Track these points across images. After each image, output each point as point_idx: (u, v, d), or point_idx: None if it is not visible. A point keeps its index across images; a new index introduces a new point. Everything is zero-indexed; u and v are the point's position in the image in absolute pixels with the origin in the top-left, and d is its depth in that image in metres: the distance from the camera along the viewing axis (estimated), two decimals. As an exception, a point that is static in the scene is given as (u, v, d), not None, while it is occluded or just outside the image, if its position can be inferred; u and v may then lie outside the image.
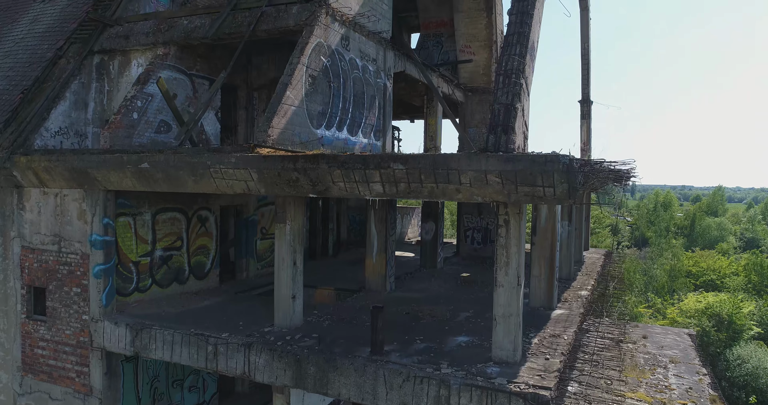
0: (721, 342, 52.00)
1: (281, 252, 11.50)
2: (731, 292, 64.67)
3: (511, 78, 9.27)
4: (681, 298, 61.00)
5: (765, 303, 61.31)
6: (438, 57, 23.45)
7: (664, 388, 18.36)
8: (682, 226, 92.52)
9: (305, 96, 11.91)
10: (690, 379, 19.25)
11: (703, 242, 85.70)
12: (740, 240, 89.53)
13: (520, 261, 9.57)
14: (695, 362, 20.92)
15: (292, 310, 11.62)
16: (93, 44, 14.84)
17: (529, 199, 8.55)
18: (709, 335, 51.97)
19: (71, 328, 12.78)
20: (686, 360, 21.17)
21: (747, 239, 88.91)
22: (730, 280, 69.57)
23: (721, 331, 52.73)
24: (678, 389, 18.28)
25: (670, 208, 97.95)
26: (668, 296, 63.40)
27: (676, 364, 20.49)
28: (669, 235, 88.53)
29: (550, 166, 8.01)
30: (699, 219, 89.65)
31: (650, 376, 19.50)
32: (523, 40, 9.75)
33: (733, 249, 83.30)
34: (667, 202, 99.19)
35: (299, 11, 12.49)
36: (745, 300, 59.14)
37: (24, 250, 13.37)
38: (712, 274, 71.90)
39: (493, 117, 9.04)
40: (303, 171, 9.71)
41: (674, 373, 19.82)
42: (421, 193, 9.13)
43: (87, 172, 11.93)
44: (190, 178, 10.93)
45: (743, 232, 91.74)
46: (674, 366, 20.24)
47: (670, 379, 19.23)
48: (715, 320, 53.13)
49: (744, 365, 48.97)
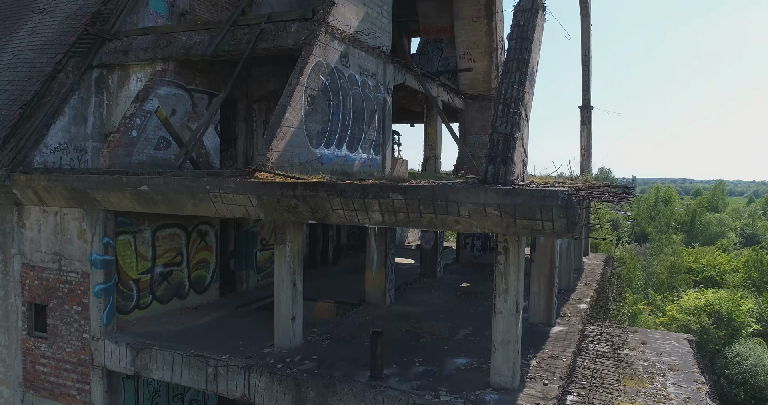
0: (720, 339, 52.17)
1: (281, 273, 11.54)
2: (731, 288, 64.86)
3: (510, 107, 9.25)
4: (681, 294, 61.16)
5: (765, 300, 61.50)
6: (438, 63, 23.37)
7: (662, 398, 18.43)
8: (683, 221, 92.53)
9: (304, 116, 11.89)
10: (688, 387, 19.32)
11: (703, 238, 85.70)
12: (740, 236, 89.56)
13: (519, 288, 9.60)
14: (693, 370, 20.99)
15: (292, 332, 11.67)
16: (92, 58, 14.81)
17: (528, 231, 8.56)
18: (708, 333, 52.18)
19: (72, 346, 12.84)
20: (685, 367, 21.24)
21: (747, 235, 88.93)
22: (730, 276, 69.71)
23: (720, 329, 52.90)
24: (676, 399, 18.36)
25: (670, 203, 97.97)
26: (668, 293, 63.54)
27: (674, 371, 20.56)
28: (669, 231, 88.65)
29: (549, 201, 8.01)
30: (699, 214, 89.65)
31: (648, 385, 19.56)
32: (523, 67, 9.71)
33: (734, 245, 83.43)
34: (668, 197, 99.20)
35: (298, 30, 12.44)
36: (745, 297, 59.29)
37: (24, 267, 13.41)
38: (712, 271, 72.04)
39: (492, 147, 9.02)
40: (302, 198, 9.71)
41: (672, 381, 19.89)
42: (420, 223, 9.15)
43: (86, 193, 11.94)
44: (189, 201, 10.93)
45: (743, 228, 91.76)
46: (673, 374, 20.31)
47: (669, 388, 19.30)
48: (715, 318, 53.31)
49: (743, 362, 49.21)
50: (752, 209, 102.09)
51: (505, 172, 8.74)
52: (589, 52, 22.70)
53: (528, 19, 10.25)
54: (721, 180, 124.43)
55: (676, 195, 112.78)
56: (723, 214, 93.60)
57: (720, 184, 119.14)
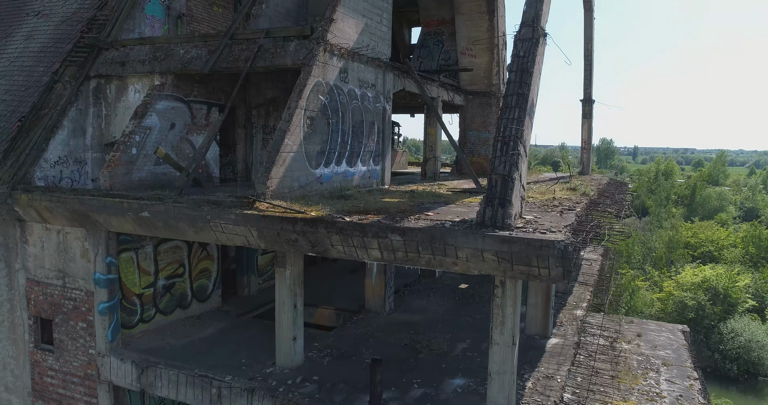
0: (716, 315, 52.97)
1: (282, 295, 11.73)
2: (728, 264, 65.39)
3: (509, 145, 9.25)
4: (678, 270, 61.65)
5: (761, 276, 62.09)
6: (438, 56, 23.11)
7: (655, 395, 18.91)
8: (683, 195, 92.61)
9: (303, 139, 11.88)
10: (681, 384, 19.79)
11: (703, 212, 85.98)
12: (740, 209, 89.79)
13: (515, 321, 9.78)
14: (687, 364, 21.45)
15: (293, 352, 11.94)
16: (89, 69, 14.66)
17: (524, 276, 8.69)
18: (705, 309, 52.93)
19: (78, 361, 13.14)
20: (678, 362, 21.69)
21: (747, 209, 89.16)
22: (728, 251, 70.19)
23: (716, 305, 53.64)
24: (669, 396, 18.83)
25: (671, 176, 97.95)
26: (665, 270, 64.05)
27: (668, 367, 21.01)
28: (669, 205, 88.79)
29: (545, 251, 8.12)
30: (700, 188, 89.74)
31: (642, 381, 20.02)
32: (523, 102, 9.66)
33: (733, 219, 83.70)
34: (669, 170, 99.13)
35: (297, 49, 12.31)
36: (742, 272, 59.84)
37: (29, 282, 13.60)
38: (711, 246, 72.49)
39: (490, 188, 9.06)
40: (302, 233, 9.81)
41: (666, 377, 20.35)
42: (419, 262, 9.27)
43: (88, 215, 12.04)
44: (190, 228, 11.04)
45: (743, 202, 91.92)
46: (666, 369, 20.77)
47: (662, 384, 19.76)
48: (711, 294, 53.98)
49: (737, 338, 50.16)
50: (753, 183, 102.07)
51: (503, 216, 8.81)
52: (591, 46, 22.39)
53: (529, 50, 10.15)
54: (723, 152, 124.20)
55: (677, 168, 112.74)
56: (723, 188, 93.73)
57: (721, 155, 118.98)
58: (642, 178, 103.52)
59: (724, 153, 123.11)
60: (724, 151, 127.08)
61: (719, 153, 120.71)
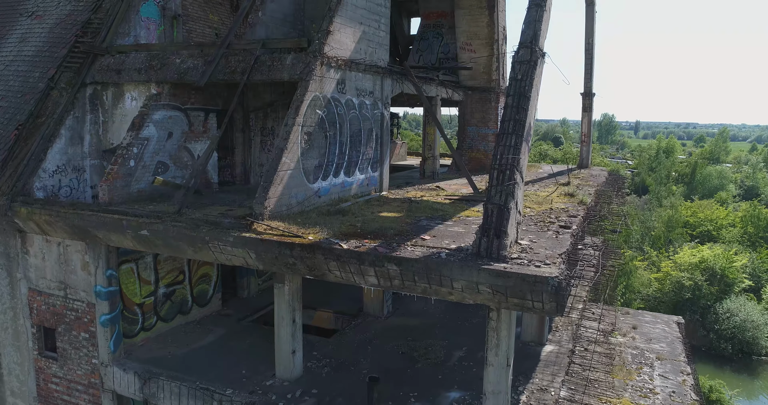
0: (713, 295, 53.47)
1: (280, 310, 11.90)
2: (727, 243, 65.68)
3: (506, 174, 9.27)
4: (676, 250, 61.94)
5: (759, 256, 62.43)
6: (438, 49, 22.90)
7: (649, 392, 19.30)
8: (683, 173, 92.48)
9: (301, 155, 11.88)
10: (675, 379, 20.16)
11: (703, 190, 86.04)
12: (740, 188, 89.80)
13: (510, 343, 9.95)
14: (681, 359, 21.79)
15: (293, 364, 12.16)
16: (85, 76, 14.57)
17: (518, 308, 8.82)
18: (701, 289, 53.40)
19: (82, 369, 13.39)
20: (672, 356, 22.04)
21: (747, 187, 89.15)
22: (727, 231, 70.37)
23: (713, 285, 54.08)
24: (662, 393, 19.21)
25: (672, 154, 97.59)
26: (664, 250, 64.35)
27: (662, 361, 21.37)
28: (669, 183, 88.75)
29: (539, 287, 8.22)
30: (700, 167, 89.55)
31: (636, 377, 20.38)
32: (520, 129, 9.64)
33: (732, 198, 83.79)
34: (670, 147, 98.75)
35: (293, 63, 12.21)
36: (740, 252, 60.14)
37: (31, 292, 13.77)
38: (709, 225, 72.66)
39: (485, 218, 9.12)
40: (300, 258, 9.91)
41: (660, 372, 20.71)
42: (415, 290, 9.39)
43: (88, 230, 12.12)
44: (189, 248, 11.13)
45: (744, 180, 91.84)
46: (660, 364, 21.12)
47: (656, 380, 20.13)
48: (708, 274, 54.38)
49: (732, 318, 50.74)
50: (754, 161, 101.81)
51: (498, 247, 8.89)
52: (592, 40, 22.13)
53: (527, 72, 10.08)
54: (725, 128, 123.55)
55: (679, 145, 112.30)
56: (724, 167, 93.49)
57: (723, 132, 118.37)
58: (643, 155, 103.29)
59: (726, 129, 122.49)
60: (726, 127, 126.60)
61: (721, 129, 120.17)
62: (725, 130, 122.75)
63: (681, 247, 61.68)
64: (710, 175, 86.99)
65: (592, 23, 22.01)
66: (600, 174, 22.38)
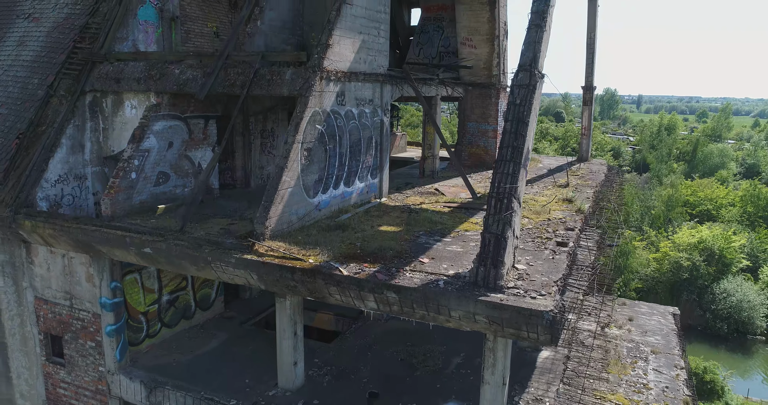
0: (710, 275, 53.98)
1: (282, 324, 12.14)
2: (726, 223, 65.93)
3: (503, 202, 9.38)
4: (675, 230, 62.19)
5: (757, 236, 62.73)
6: (438, 43, 22.75)
7: (642, 387, 19.73)
8: (685, 151, 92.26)
9: (301, 172, 11.97)
10: (668, 374, 20.59)
11: (704, 168, 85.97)
12: (741, 166, 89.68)
13: (506, 363, 10.21)
14: (675, 352, 22.22)
15: (294, 375, 12.46)
16: (84, 83, 14.55)
17: (514, 337, 9.05)
18: (699, 269, 53.88)
19: (89, 376, 13.73)
20: (667, 349, 22.45)
21: (748, 165, 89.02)
22: (726, 210, 70.55)
23: (710, 265, 54.55)
24: (655, 388, 19.65)
25: (674, 131, 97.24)
26: (663, 230, 64.61)
27: (656, 355, 21.78)
28: (670, 161, 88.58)
29: (534, 320, 8.42)
30: (702, 144, 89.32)
31: (631, 371, 20.82)
32: (518, 156, 9.71)
33: (733, 176, 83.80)
34: (672, 124, 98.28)
35: (293, 78, 12.20)
36: (738, 232, 60.43)
37: (37, 300, 14.02)
38: (709, 205, 72.85)
39: (483, 246, 9.27)
40: (301, 282, 10.11)
41: (654, 366, 21.14)
42: (414, 316, 9.61)
43: (91, 245, 12.30)
44: (192, 266, 11.33)
45: (745, 158, 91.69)
46: (655, 358, 21.53)
47: (649, 374, 20.56)
48: (706, 254, 54.78)
49: (729, 298, 51.37)
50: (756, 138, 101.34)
51: (495, 277, 9.06)
52: (594, 35, 21.91)
53: (525, 97, 10.11)
54: (728, 104, 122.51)
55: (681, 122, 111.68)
56: (725, 145, 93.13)
57: (725, 109, 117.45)
58: (644, 132, 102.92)
59: (728, 105, 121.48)
60: (729, 102, 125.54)
61: (724, 105, 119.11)
62: (728, 105, 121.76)
63: (680, 227, 61.99)
64: (711, 153, 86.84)
65: (594, 18, 21.77)
66: (599, 170, 22.43)
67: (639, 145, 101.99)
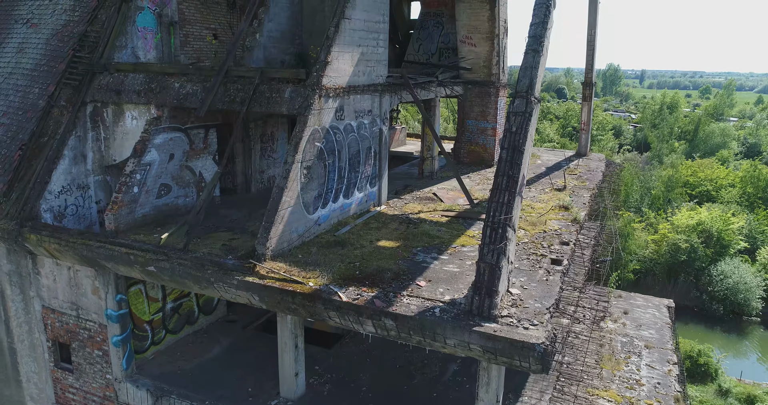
0: (708, 257, 54.48)
1: (283, 337, 12.49)
2: (725, 204, 66.15)
3: (498, 232, 9.61)
4: (675, 211, 62.45)
5: (756, 217, 63.01)
6: (438, 39, 22.70)
7: (635, 383, 20.25)
8: (686, 130, 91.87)
9: (301, 190, 12.16)
10: (661, 369, 21.09)
11: (705, 148, 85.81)
12: (743, 145, 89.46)
13: (500, 382, 10.57)
14: (668, 347, 22.70)
15: (296, 385, 12.86)
16: (84, 94, 14.64)
17: (507, 365, 9.37)
18: (697, 251, 54.37)
19: (97, 383, 14.17)
20: (660, 344, 22.94)
21: (750, 144, 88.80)
22: (726, 191, 70.67)
23: (709, 247, 54.98)
24: (647, 384, 20.15)
25: (676, 109, 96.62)
26: (662, 211, 64.84)
27: (650, 349, 22.27)
28: (671, 140, 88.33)
29: (527, 352, 8.74)
30: (704, 124, 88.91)
31: (624, 366, 21.34)
32: (513, 185, 9.90)
33: (734, 156, 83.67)
34: (674, 103, 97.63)
35: (292, 96, 12.29)
36: (737, 213, 60.69)
37: (45, 309, 14.37)
38: (709, 185, 72.92)
39: (478, 275, 9.53)
40: (301, 305, 10.41)
41: (647, 362, 21.64)
42: (411, 341, 9.93)
43: (97, 260, 12.58)
44: (195, 285, 11.63)
45: (746, 137, 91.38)
46: (648, 353, 22.03)
47: (642, 370, 21.06)
48: (705, 236, 55.16)
49: (725, 280, 51.96)
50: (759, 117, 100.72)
51: (489, 306, 9.35)
52: (594, 32, 21.80)
53: (521, 125, 10.24)
54: (731, 80, 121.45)
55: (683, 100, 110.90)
56: (727, 124, 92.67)
57: (729, 85, 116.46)
58: (646, 110, 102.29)
59: (732, 82, 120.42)
60: (733, 78, 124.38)
61: (727, 82, 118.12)
62: (732, 82, 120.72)
63: (680, 208, 62.25)
64: (713, 132, 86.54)
65: (595, 16, 21.64)
66: (597, 168, 22.58)
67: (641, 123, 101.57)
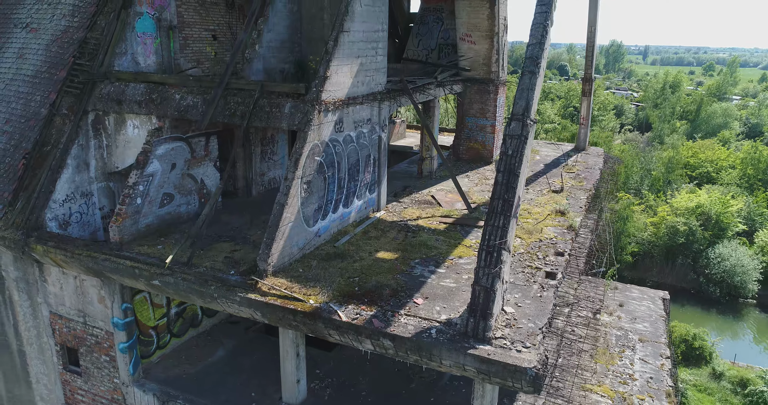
0: (706, 240, 54.84)
1: (285, 345, 12.84)
2: (725, 185, 66.25)
3: (493, 255, 9.87)
4: (674, 193, 62.61)
5: (755, 199, 63.21)
6: (438, 35, 22.64)
7: (628, 378, 20.76)
8: (688, 110, 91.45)
9: (301, 205, 12.39)
10: (654, 364, 21.58)
11: (706, 128, 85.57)
12: (744, 125, 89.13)
13: (494, 395, 10.97)
14: (662, 340, 23.17)
15: (297, 391, 13.28)
16: (86, 103, 14.78)
17: (501, 385, 9.73)
18: (695, 234, 54.73)
19: (105, 386, 14.62)
20: (654, 337, 23.39)
21: (752, 125, 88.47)
22: (726, 173, 70.67)
23: (707, 230, 55.31)
24: (640, 379, 20.67)
25: (678, 89, 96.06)
26: (662, 193, 64.96)
27: (644, 343, 22.75)
28: (673, 120, 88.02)
29: (519, 375, 9.08)
30: (706, 104, 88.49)
31: (618, 361, 21.85)
32: (508, 209, 10.11)
33: (736, 136, 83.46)
34: (677, 82, 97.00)
35: (291, 112, 12.44)
36: (737, 195, 60.85)
37: (52, 315, 14.74)
38: (709, 166, 72.88)
39: (473, 297, 9.82)
40: (302, 323, 10.74)
41: (640, 356, 22.13)
42: (408, 359, 10.28)
43: (102, 272, 12.89)
44: (199, 300, 11.95)
45: (749, 117, 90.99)
46: (642, 347, 22.50)
47: (636, 364, 21.56)
48: (704, 219, 55.45)
49: (723, 263, 52.42)
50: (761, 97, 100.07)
51: (484, 328, 9.67)
52: (595, 28, 21.72)
53: (517, 148, 10.42)
54: (735, 57, 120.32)
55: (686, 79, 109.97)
56: (729, 104, 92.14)
57: (733, 62, 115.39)
58: (648, 89, 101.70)
59: (736, 59, 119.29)
60: (737, 55, 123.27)
61: (731, 60, 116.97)
62: (735, 59, 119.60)
63: (679, 190, 62.41)
64: (715, 112, 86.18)
65: (596, 12, 21.54)
66: (595, 165, 22.73)
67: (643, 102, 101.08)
